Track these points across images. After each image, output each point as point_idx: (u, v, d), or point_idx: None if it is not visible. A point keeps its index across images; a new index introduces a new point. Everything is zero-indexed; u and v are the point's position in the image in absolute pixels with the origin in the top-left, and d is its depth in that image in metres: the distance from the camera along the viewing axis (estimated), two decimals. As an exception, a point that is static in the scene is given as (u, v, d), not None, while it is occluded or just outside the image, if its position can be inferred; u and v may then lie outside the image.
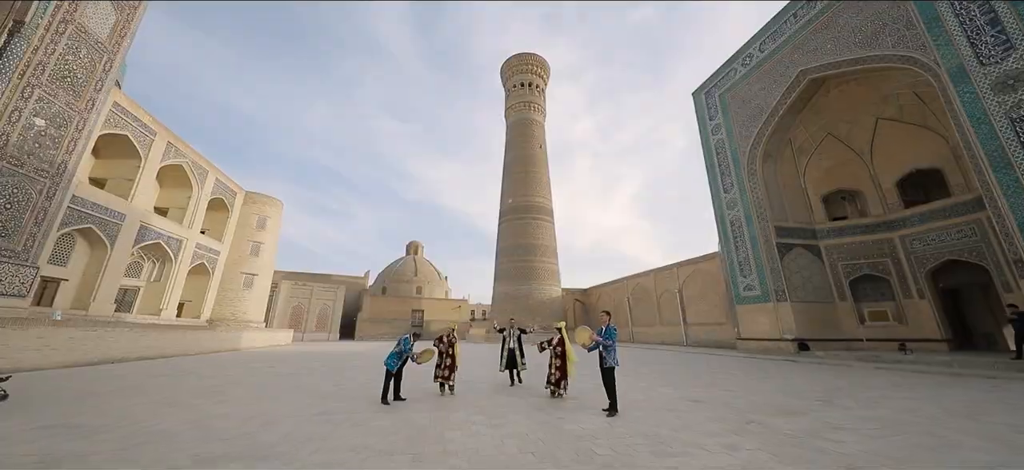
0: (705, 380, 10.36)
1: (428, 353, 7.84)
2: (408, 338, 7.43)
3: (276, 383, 9.61)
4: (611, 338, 6.41)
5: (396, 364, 7.28)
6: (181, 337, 18.48)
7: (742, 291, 20.33)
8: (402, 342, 7.40)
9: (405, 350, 7.34)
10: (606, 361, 6.40)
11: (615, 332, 6.46)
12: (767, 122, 20.21)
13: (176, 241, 25.15)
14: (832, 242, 19.99)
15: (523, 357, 9.50)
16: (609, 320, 6.62)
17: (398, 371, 7.36)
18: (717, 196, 22.64)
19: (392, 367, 7.25)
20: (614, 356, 6.40)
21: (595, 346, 6.67)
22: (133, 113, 20.91)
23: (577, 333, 7.12)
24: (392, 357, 7.31)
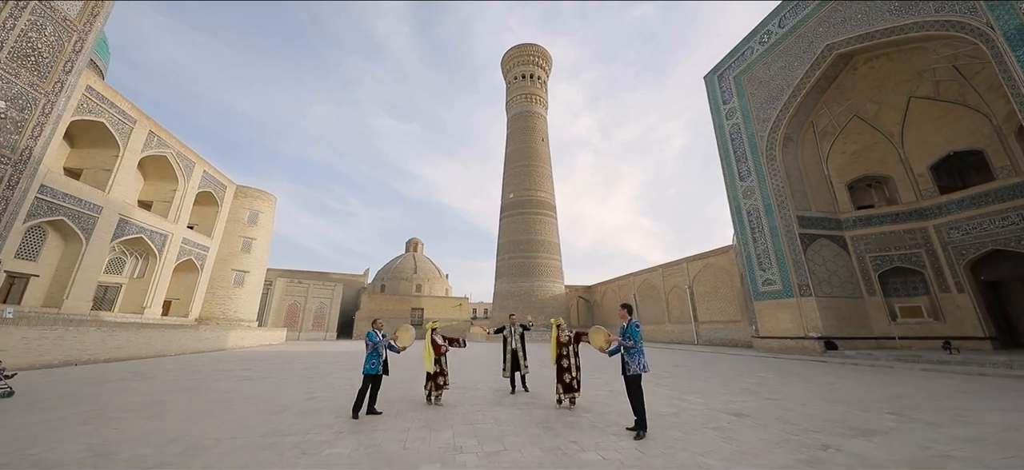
0: (736, 385, 8.97)
1: (404, 332, 6.59)
2: (372, 332, 6.15)
3: (237, 391, 8.29)
4: (635, 338, 5.05)
5: (377, 365, 5.98)
6: (158, 337, 17.24)
7: (761, 286, 18.89)
8: (369, 338, 6.11)
9: (377, 342, 6.07)
10: (629, 367, 5.05)
11: (639, 331, 5.10)
12: (788, 103, 18.73)
13: (160, 236, 23.91)
14: (859, 232, 18.52)
15: (526, 358, 8.14)
16: (630, 317, 5.26)
17: (378, 376, 6.05)
18: (732, 185, 21.17)
19: (374, 370, 5.96)
20: (640, 360, 5.04)
21: (615, 349, 5.31)
22: (110, 99, 19.64)
23: (591, 334, 5.76)
24: (370, 360, 6.01)
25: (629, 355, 5.07)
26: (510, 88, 51.36)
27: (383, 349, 6.15)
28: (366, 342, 6.14)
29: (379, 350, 6.09)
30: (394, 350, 6.43)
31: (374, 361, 6.02)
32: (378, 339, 6.11)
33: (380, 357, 6.09)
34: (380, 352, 6.11)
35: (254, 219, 32.42)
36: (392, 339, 6.44)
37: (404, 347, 6.49)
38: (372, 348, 6.06)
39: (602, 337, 5.61)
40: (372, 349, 6.07)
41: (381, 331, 6.36)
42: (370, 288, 53.52)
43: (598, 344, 5.58)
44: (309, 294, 41.80)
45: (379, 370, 6.02)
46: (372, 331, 6.22)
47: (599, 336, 5.66)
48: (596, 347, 5.61)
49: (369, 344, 6.10)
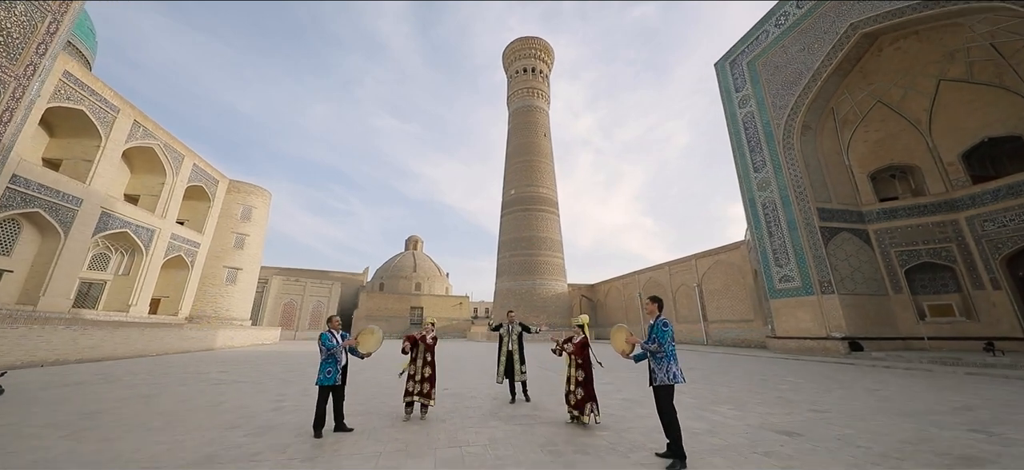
0: (767, 393, 7.88)
1: (368, 334, 5.52)
2: (327, 334, 5.07)
3: (197, 398, 7.25)
4: (663, 339, 3.96)
5: (334, 374, 4.92)
6: (138, 336, 16.26)
7: (778, 283, 17.75)
8: (323, 341, 5.02)
9: (333, 346, 4.99)
10: (656, 375, 3.97)
11: (670, 331, 4.01)
12: (807, 88, 17.59)
13: (147, 231, 22.96)
14: (883, 226, 17.36)
15: (523, 363, 7.05)
16: (659, 312, 4.18)
17: (339, 386, 4.99)
18: (746, 176, 20.03)
19: (329, 381, 4.89)
20: (670, 368, 3.93)
21: (641, 355, 4.22)
22: (90, 86, 18.66)
23: (612, 334, 4.63)
24: (325, 367, 4.94)
25: (656, 361, 3.99)
26: (511, 82, 50.26)
27: (342, 355, 5.08)
28: (320, 347, 5.01)
29: (336, 356, 5.02)
30: (357, 355, 5.34)
31: (330, 369, 4.92)
32: (334, 343, 5.01)
33: (338, 364, 5.00)
34: (338, 358, 5.03)
35: (247, 215, 31.45)
36: (354, 342, 5.35)
37: (368, 353, 5.40)
38: (327, 354, 4.96)
39: (623, 338, 4.49)
40: (327, 355, 4.97)
41: (339, 332, 5.26)
42: (369, 287, 52.58)
43: (619, 347, 4.46)
44: (306, 293, 40.87)
45: (336, 379, 4.95)
46: (327, 333, 5.07)
47: (619, 337, 4.54)
48: (617, 350, 4.50)
49: (323, 349, 4.97)
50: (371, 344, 5.48)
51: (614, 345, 4.46)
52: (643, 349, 4.10)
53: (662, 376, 3.91)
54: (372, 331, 5.55)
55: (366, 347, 5.41)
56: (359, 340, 5.41)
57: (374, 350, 5.46)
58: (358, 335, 5.49)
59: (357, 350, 5.32)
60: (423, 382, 5.78)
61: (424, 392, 5.75)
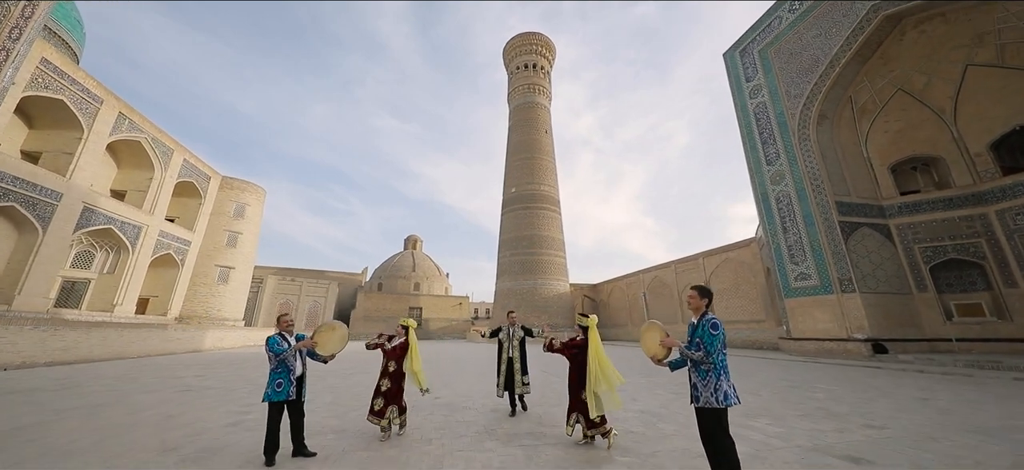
0: (804, 402, 6.95)
1: (328, 331, 4.39)
2: (275, 338, 4.05)
3: (153, 409, 6.35)
4: (711, 346, 2.95)
5: (286, 388, 3.93)
6: (117, 337, 15.37)
7: (793, 281, 16.79)
8: (270, 346, 3.99)
9: (283, 352, 3.97)
10: (700, 394, 2.99)
11: (721, 336, 2.99)
12: (824, 75, 16.64)
13: (133, 227, 22.09)
14: (905, 220, 16.39)
15: (526, 373, 6.04)
16: (706, 307, 3.18)
17: (295, 399, 4.04)
18: (758, 170, 19.06)
19: (280, 396, 3.90)
20: (719, 385, 2.91)
21: (679, 362, 3.29)
22: (70, 74, 17.81)
23: (643, 334, 3.53)
24: (274, 379, 3.96)
25: (700, 374, 3.01)
26: (512, 79, 49.39)
27: (295, 361, 4.08)
28: (267, 352, 3.99)
29: (289, 364, 4.04)
30: (318, 359, 4.32)
31: (280, 381, 3.91)
32: (284, 347, 3.97)
33: (291, 373, 3.98)
34: (291, 365, 4.03)
35: (240, 212, 30.59)
36: (311, 343, 4.20)
37: (331, 355, 4.34)
38: (276, 361, 3.94)
39: (656, 338, 3.37)
40: (276, 363, 3.96)
41: (294, 332, 4.29)
42: (367, 286, 51.70)
43: (651, 350, 3.40)
44: (302, 293, 40.00)
45: (287, 394, 3.89)
46: (275, 336, 4.01)
47: (652, 337, 3.42)
48: (649, 355, 3.46)
49: (271, 356, 3.95)
50: (332, 344, 4.38)
51: (645, 347, 3.48)
52: (682, 356, 3.17)
53: (708, 395, 2.93)
54: (333, 327, 4.44)
55: (327, 348, 4.33)
56: (317, 339, 4.27)
57: (337, 351, 4.38)
58: (315, 333, 4.31)
59: (317, 353, 4.32)
60: (383, 395, 4.84)
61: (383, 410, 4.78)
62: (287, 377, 3.94)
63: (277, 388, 3.89)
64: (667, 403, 6.77)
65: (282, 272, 44.68)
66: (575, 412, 4.61)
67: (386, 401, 4.80)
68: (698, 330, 3.06)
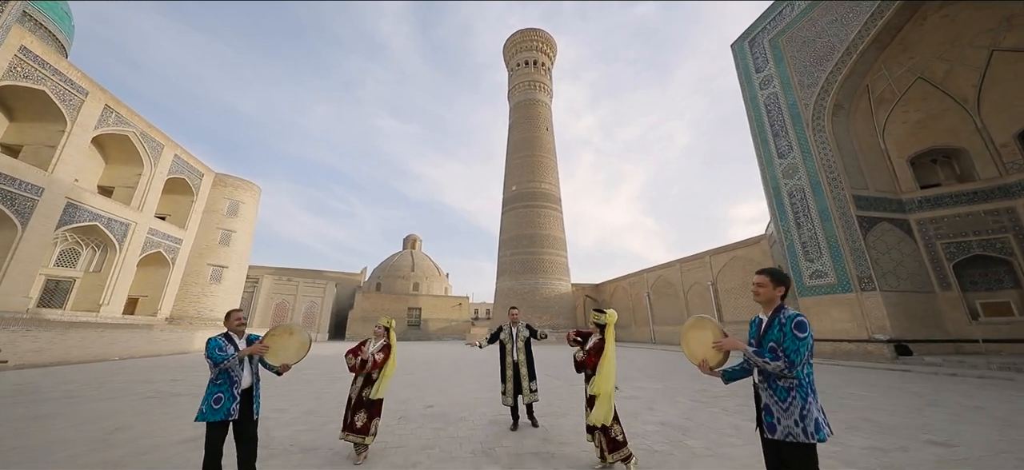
0: (844, 412, 6.17)
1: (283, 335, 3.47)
2: (218, 340, 3.23)
3: (99, 422, 5.58)
4: (798, 355, 2.10)
5: (226, 404, 3.08)
6: (96, 338, 14.65)
7: (808, 279, 15.99)
8: (209, 351, 3.16)
9: (222, 358, 3.13)
10: (777, 420, 2.16)
11: (809, 341, 2.13)
12: (840, 63, 15.88)
13: (120, 224, 21.34)
14: (926, 215, 15.60)
15: (533, 379, 5.25)
16: (782, 299, 2.35)
17: (244, 416, 3.21)
18: (769, 164, 18.27)
19: (217, 415, 3.05)
20: (809, 409, 2.09)
21: (735, 372, 2.50)
22: (53, 64, 17.08)
23: (688, 332, 2.67)
24: (212, 393, 3.11)
25: (777, 393, 2.17)
26: (512, 76, 48.65)
27: (241, 370, 3.23)
28: (207, 359, 3.15)
29: (232, 374, 3.19)
30: (271, 370, 3.44)
31: (220, 395, 3.07)
32: (228, 353, 3.17)
33: (234, 386, 3.15)
34: (235, 376, 3.19)
35: (234, 210, 29.84)
36: (261, 348, 3.30)
37: (285, 366, 3.41)
38: (217, 370, 3.13)
39: (707, 338, 2.53)
40: (217, 372, 3.14)
41: (244, 333, 3.42)
42: (365, 286, 50.93)
43: (699, 353, 2.54)
44: (299, 293, 39.22)
45: (227, 413, 3.04)
46: (217, 338, 3.22)
47: (701, 337, 2.57)
48: (695, 360, 2.58)
49: (210, 365, 3.13)
50: (287, 351, 3.43)
51: (690, 350, 2.61)
52: (750, 364, 2.37)
53: (791, 423, 2.08)
54: (291, 331, 3.50)
55: (279, 356, 3.40)
56: (268, 344, 3.35)
57: (294, 361, 3.42)
58: (267, 336, 3.39)
59: (269, 363, 3.42)
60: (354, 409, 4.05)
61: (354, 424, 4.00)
62: (229, 390, 3.12)
63: (214, 405, 3.04)
64: (691, 413, 5.98)
65: (278, 272, 43.92)
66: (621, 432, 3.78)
67: (369, 414, 4.03)
68: (773, 331, 2.27)
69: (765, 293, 2.38)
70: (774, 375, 2.19)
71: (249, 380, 3.30)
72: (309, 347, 3.52)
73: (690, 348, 2.65)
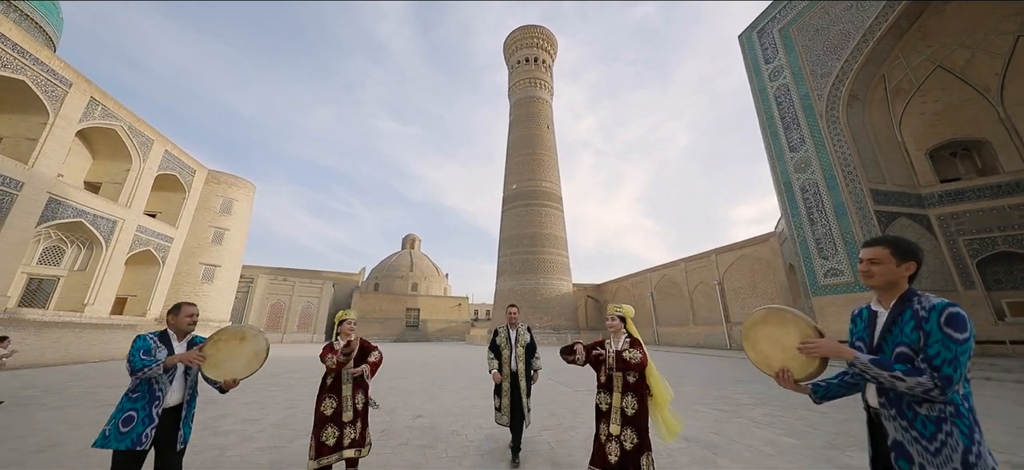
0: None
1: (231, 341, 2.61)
2: (145, 340, 2.49)
3: (35, 437, 4.83)
4: (956, 366, 1.35)
5: (137, 428, 2.30)
6: (73, 339, 13.95)
7: (822, 278, 15.24)
8: (131, 355, 2.39)
9: (143, 365, 2.35)
10: (917, 460, 1.40)
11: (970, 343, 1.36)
12: (856, 51, 15.16)
13: (107, 221, 20.61)
14: (947, 210, 14.86)
15: (528, 394, 4.26)
16: (910, 279, 1.60)
17: (163, 443, 2.44)
18: (779, 158, 17.53)
19: (123, 442, 2.25)
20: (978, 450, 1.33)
21: (837, 387, 1.76)
22: (33, 53, 16.39)
23: (758, 331, 1.87)
24: (123, 410, 2.35)
25: (917, 423, 1.43)
26: (513, 73, 48.00)
27: (166, 382, 2.46)
28: (131, 358, 2.38)
29: (155, 385, 2.43)
30: (216, 386, 2.59)
31: (132, 412, 2.33)
32: (154, 358, 2.44)
33: (155, 402, 2.40)
34: (159, 389, 2.43)
35: (227, 208, 29.12)
36: (197, 358, 2.47)
37: (231, 382, 2.56)
38: (136, 379, 2.40)
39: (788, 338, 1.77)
40: (136, 382, 2.41)
41: (189, 334, 2.70)
42: (363, 287, 50.19)
43: (775, 360, 1.80)
44: (295, 293, 38.48)
45: (135, 440, 2.27)
46: (145, 337, 2.50)
47: (780, 336, 1.81)
48: (770, 369, 1.82)
49: (130, 371, 2.38)
50: (234, 363, 2.58)
51: (758, 354, 1.88)
52: (865, 376, 1.58)
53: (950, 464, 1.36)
54: (242, 336, 2.65)
55: (223, 368, 2.54)
56: (208, 353, 2.51)
57: (243, 375, 2.56)
58: (207, 342, 2.56)
59: (212, 378, 2.57)
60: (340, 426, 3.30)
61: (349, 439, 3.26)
62: (146, 408, 2.35)
63: (122, 427, 2.28)
64: (717, 426, 5.23)
65: (274, 272, 43.17)
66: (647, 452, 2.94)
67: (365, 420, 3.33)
68: (902, 329, 1.52)
69: (883, 273, 1.64)
70: (912, 397, 1.45)
71: (179, 396, 2.55)
72: (266, 357, 2.68)
73: (760, 352, 1.91)
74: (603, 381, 3.05)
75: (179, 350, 2.62)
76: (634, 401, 2.88)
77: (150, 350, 2.49)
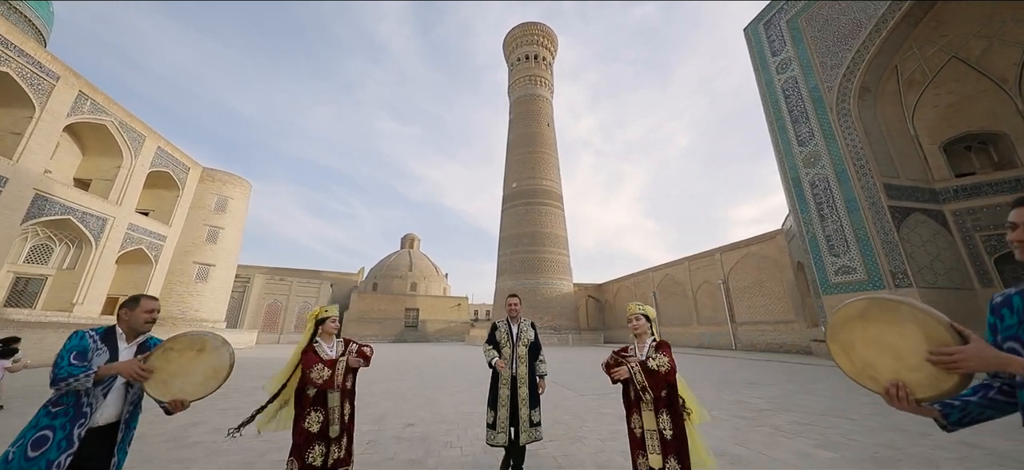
0: (932, 436, 4.90)
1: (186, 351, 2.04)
2: (83, 340, 1.95)
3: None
4: None
5: (52, 452, 1.77)
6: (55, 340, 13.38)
7: (833, 276, 14.73)
8: (60, 355, 1.87)
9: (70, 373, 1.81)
10: None
11: None
12: (868, 41, 14.65)
13: (97, 219, 20.09)
14: (963, 205, 14.35)
15: (535, 404, 3.58)
16: None
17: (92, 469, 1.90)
18: (788, 153, 17.03)
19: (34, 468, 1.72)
20: None
21: (976, 408, 1.26)
22: (18, 45, 15.87)
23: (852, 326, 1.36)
24: (37, 427, 1.81)
25: None
26: (513, 71, 47.49)
27: (98, 396, 1.92)
28: (51, 371, 1.82)
29: (84, 400, 1.88)
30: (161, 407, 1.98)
31: (46, 431, 1.79)
32: (87, 366, 1.88)
33: (78, 421, 1.85)
34: (84, 405, 1.88)
35: (222, 206, 28.60)
36: (140, 370, 1.90)
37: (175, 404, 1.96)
38: (59, 390, 1.84)
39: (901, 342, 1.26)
40: (58, 394, 1.87)
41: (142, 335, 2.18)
42: (362, 287, 49.66)
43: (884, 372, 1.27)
44: (292, 293, 37.99)
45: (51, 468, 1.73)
46: (84, 334, 2.00)
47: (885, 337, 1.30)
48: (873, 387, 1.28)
49: (52, 380, 1.81)
50: (188, 379, 2.03)
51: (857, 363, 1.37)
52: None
53: None
54: (201, 345, 2.09)
55: (171, 386, 1.99)
56: (152, 363, 1.99)
57: (198, 395, 2.03)
58: (154, 352, 2.01)
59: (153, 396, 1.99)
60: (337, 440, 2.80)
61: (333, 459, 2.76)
62: (67, 428, 1.84)
63: (32, 450, 1.76)
64: (740, 436, 4.71)
65: (271, 271, 42.64)
66: None
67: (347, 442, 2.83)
68: None
69: None
70: None
71: (115, 413, 2.01)
72: (227, 375, 2.12)
73: (857, 359, 1.39)
74: (633, 398, 2.51)
75: (127, 355, 2.10)
76: (669, 419, 2.35)
77: (86, 353, 1.97)
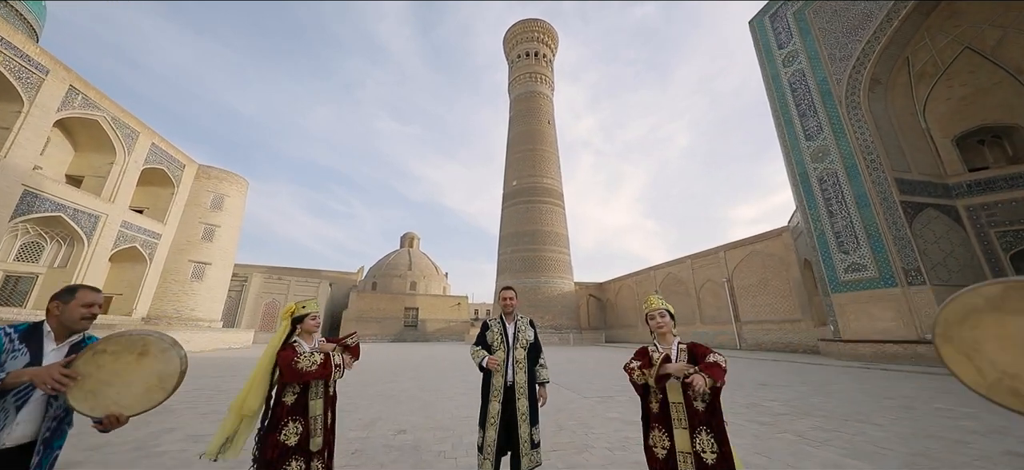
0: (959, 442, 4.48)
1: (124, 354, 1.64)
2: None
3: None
4: None
5: None
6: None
7: (843, 274, 14.31)
8: None
9: None
10: None
11: None
12: (879, 32, 14.23)
13: (89, 216, 19.72)
14: (977, 200, 13.92)
15: (535, 420, 2.86)
16: None
17: None
18: (795, 148, 16.61)
19: None
20: None
21: None
22: (6, 38, 15.49)
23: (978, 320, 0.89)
24: None
25: None
26: (513, 68, 47.09)
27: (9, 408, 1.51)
28: None
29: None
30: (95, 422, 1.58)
31: None
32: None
33: None
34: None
35: (218, 204, 28.20)
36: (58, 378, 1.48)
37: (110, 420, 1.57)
38: None
39: None
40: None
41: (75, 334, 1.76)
42: (361, 285, 49.29)
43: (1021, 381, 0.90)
44: (290, 292, 37.56)
45: None
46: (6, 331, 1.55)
47: None
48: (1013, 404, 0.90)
49: None
50: (126, 389, 1.62)
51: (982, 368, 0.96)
52: None
53: None
54: (143, 348, 1.69)
55: (103, 397, 1.57)
56: (78, 367, 1.57)
57: (137, 410, 1.61)
58: (81, 356, 1.59)
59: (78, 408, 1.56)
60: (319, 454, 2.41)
61: None
62: None
63: None
64: (761, 443, 4.30)
65: (269, 271, 42.24)
66: None
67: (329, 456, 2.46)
68: None
69: None
70: None
71: (31, 430, 1.60)
72: (177, 384, 1.71)
73: (984, 365, 0.99)
74: (656, 411, 2.05)
75: (53, 358, 1.69)
76: (712, 440, 1.85)
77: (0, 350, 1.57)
